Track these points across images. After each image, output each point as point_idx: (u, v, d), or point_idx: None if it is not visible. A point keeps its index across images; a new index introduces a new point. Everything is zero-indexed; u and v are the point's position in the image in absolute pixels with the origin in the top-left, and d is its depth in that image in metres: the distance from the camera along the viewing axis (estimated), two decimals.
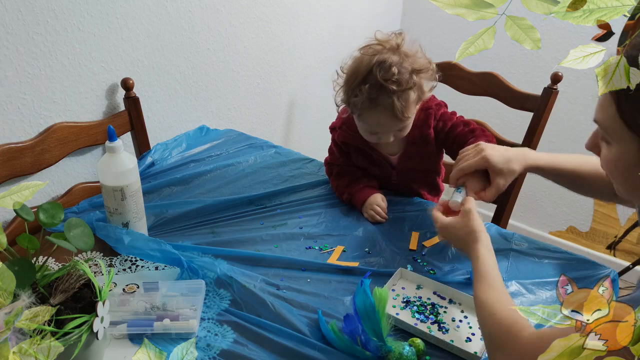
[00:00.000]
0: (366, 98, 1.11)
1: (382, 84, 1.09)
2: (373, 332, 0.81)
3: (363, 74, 1.12)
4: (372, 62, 1.11)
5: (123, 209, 1.06)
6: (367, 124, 1.18)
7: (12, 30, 1.07)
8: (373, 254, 1.11)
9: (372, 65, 1.11)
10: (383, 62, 1.10)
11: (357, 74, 1.13)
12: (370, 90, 1.10)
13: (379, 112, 1.13)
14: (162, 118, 1.50)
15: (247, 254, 1.08)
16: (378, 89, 1.10)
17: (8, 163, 1.11)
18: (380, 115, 1.13)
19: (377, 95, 1.10)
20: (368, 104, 1.12)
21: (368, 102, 1.12)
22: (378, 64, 1.10)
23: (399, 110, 1.11)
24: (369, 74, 1.11)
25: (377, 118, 1.15)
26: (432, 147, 1.26)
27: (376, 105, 1.12)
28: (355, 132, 1.26)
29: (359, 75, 1.12)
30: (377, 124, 1.16)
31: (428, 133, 1.24)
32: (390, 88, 1.09)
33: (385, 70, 1.09)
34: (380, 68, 1.10)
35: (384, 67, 1.10)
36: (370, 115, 1.15)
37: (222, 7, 1.54)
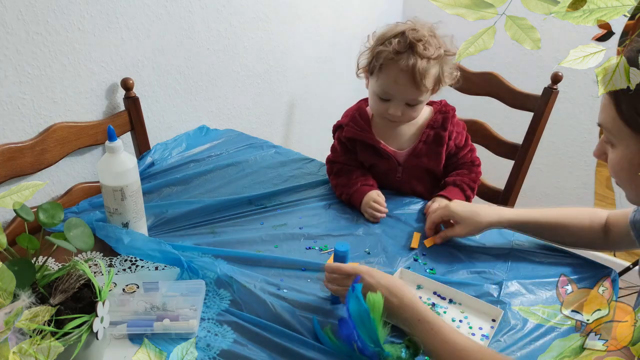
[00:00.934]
0: (393, 50, 1.15)
1: (411, 42, 1.14)
2: (369, 338, 0.81)
3: (396, 32, 1.18)
4: (406, 27, 1.18)
5: (123, 209, 1.06)
6: (384, 80, 1.19)
7: (12, 30, 1.07)
8: (373, 254, 1.11)
9: (406, 29, 1.17)
10: (417, 29, 1.17)
11: (390, 32, 1.19)
12: (398, 44, 1.15)
13: (400, 69, 1.16)
14: (162, 118, 1.50)
15: (247, 254, 1.08)
16: (406, 45, 1.15)
17: (8, 163, 1.11)
18: (400, 73, 1.16)
19: (404, 51, 1.15)
20: (392, 56, 1.16)
21: (393, 54, 1.15)
22: (412, 29, 1.17)
23: (419, 72, 1.14)
24: (402, 33, 1.17)
25: (396, 75, 1.17)
26: (442, 149, 1.28)
27: (399, 59, 1.15)
28: (362, 128, 1.28)
29: (392, 33, 1.18)
30: (393, 82, 1.18)
31: (443, 135, 1.27)
32: (418, 49, 1.14)
33: (418, 35, 1.16)
34: (412, 31, 1.16)
35: (416, 32, 1.16)
36: (390, 70, 1.17)
37: (222, 7, 1.54)
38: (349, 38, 2.12)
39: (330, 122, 1.39)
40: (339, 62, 2.11)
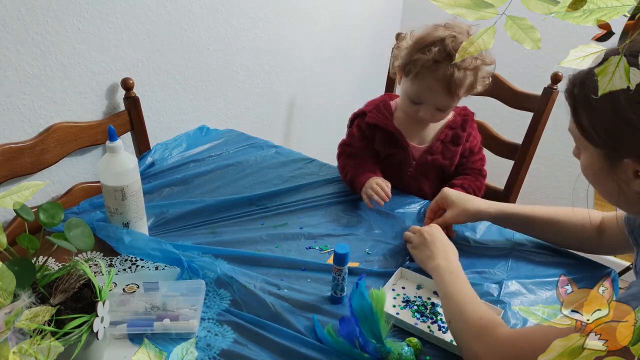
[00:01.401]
0: (431, 58, 1.15)
1: (450, 52, 1.14)
2: (371, 334, 0.81)
3: (435, 39, 1.17)
4: (445, 34, 1.16)
5: (123, 209, 1.06)
6: (419, 86, 1.20)
7: (12, 30, 1.07)
8: (374, 254, 1.11)
9: (445, 36, 1.16)
10: (456, 37, 1.16)
11: (429, 37, 1.18)
12: (438, 53, 1.15)
13: (435, 77, 1.17)
14: (162, 118, 1.50)
15: (247, 254, 1.08)
16: (445, 55, 1.15)
17: (8, 163, 1.11)
18: (435, 81, 1.17)
19: (442, 60, 1.15)
20: (430, 65, 1.16)
21: (431, 63, 1.16)
22: (451, 36, 1.16)
23: (455, 82, 1.16)
24: (441, 41, 1.16)
25: (431, 82, 1.18)
26: (459, 148, 1.30)
27: (436, 69, 1.16)
28: (385, 116, 1.30)
29: (430, 38, 1.17)
30: (428, 89, 1.19)
31: (461, 135, 1.29)
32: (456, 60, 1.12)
33: (457, 43, 1.15)
34: (453, 39, 1.15)
35: (456, 41, 1.15)
36: (426, 77, 1.18)
37: (222, 7, 1.54)
38: (349, 38, 2.12)
39: (330, 122, 1.40)
40: (339, 62, 2.11)
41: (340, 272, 0.94)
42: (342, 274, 0.95)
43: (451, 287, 0.89)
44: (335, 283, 0.96)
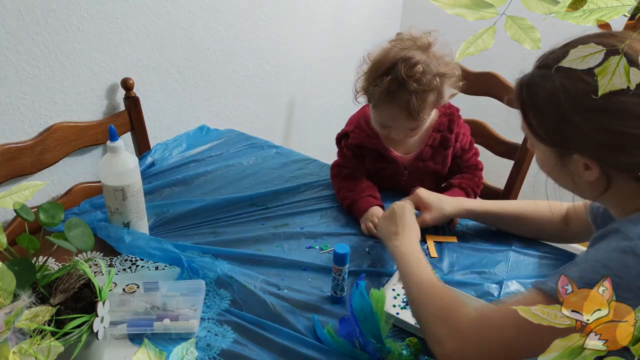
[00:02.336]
0: (385, 90, 1.12)
1: (403, 79, 1.10)
2: (371, 334, 0.81)
3: (387, 66, 1.12)
4: (398, 56, 1.12)
5: (124, 208, 1.06)
6: (380, 116, 1.19)
7: (12, 30, 1.07)
8: (374, 254, 1.11)
9: (398, 59, 1.11)
10: (409, 58, 1.11)
11: (381, 64, 1.14)
12: (390, 83, 1.11)
13: (394, 107, 1.14)
14: (162, 118, 1.50)
15: (247, 253, 1.08)
16: (398, 83, 1.11)
17: (8, 163, 1.11)
18: (395, 110, 1.14)
19: (397, 90, 1.11)
20: (385, 96, 1.13)
21: (386, 94, 1.12)
22: (404, 59, 1.11)
23: (414, 108, 1.12)
24: (393, 66, 1.11)
25: (392, 112, 1.16)
26: (449, 151, 1.28)
27: (393, 100, 1.13)
28: (368, 134, 1.27)
29: (383, 65, 1.13)
30: (390, 118, 1.18)
31: (449, 138, 1.26)
32: (411, 85, 1.10)
33: (409, 67, 1.10)
34: (405, 63, 1.10)
35: (408, 64, 1.10)
36: (385, 108, 1.16)
37: (222, 7, 1.54)
38: (349, 38, 2.12)
39: (330, 122, 1.40)
40: (339, 62, 2.11)
41: (340, 272, 0.94)
42: (342, 274, 0.95)
43: (413, 267, 0.90)
44: (335, 283, 0.96)
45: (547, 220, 1.10)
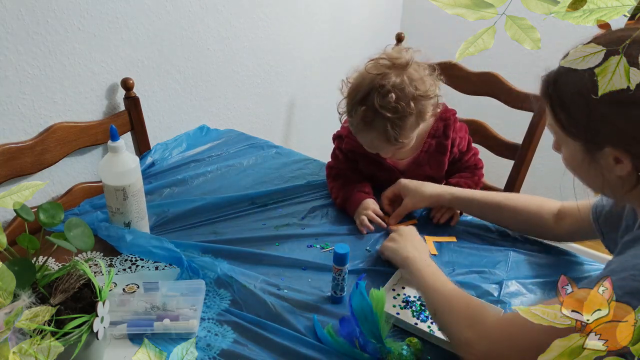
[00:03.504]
0: (360, 120, 1.11)
1: (377, 109, 1.08)
2: (371, 334, 0.81)
3: (362, 95, 1.11)
4: (373, 84, 1.09)
5: (125, 208, 1.06)
6: (362, 143, 1.19)
7: (12, 30, 1.07)
8: (374, 252, 1.11)
9: (372, 88, 1.09)
10: (382, 86, 1.08)
11: (356, 92, 1.12)
12: (365, 113, 1.10)
13: (372, 135, 1.14)
14: (162, 118, 1.50)
15: (248, 252, 1.09)
16: (373, 112, 1.09)
17: (8, 163, 1.11)
18: (374, 138, 1.14)
19: (372, 119, 1.10)
20: (362, 126, 1.12)
21: (362, 124, 1.12)
22: (378, 87, 1.08)
23: (391, 136, 1.11)
24: (367, 95, 1.10)
25: (371, 140, 1.16)
26: (445, 157, 1.26)
27: (370, 129, 1.12)
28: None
29: (358, 94, 1.11)
30: (370, 145, 1.18)
31: (446, 144, 1.25)
32: (385, 114, 1.08)
33: (383, 96, 1.08)
34: (378, 92, 1.08)
35: (382, 92, 1.08)
36: (363, 136, 1.16)
37: (222, 7, 1.54)
38: (349, 38, 2.12)
39: (330, 122, 1.39)
40: (338, 62, 2.11)
41: (340, 272, 0.94)
42: (342, 274, 0.95)
43: (432, 279, 0.91)
44: (335, 283, 0.96)
45: (534, 214, 1.10)
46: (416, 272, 0.95)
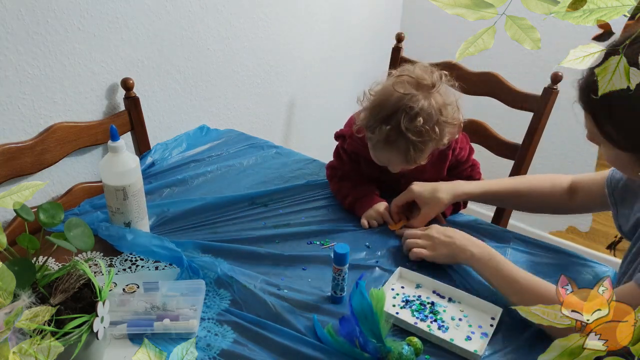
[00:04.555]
0: (383, 139, 1.09)
1: (402, 130, 1.06)
2: (372, 333, 0.81)
3: (387, 112, 1.08)
4: (400, 104, 1.06)
5: (125, 208, 1.06)
6: (377, 157, 1.17)
7: (12, 30, 1.07)
8: (373, 248, 1.12)
9: (399, 108, 1.06)
10: (411, 107, 1.05)
11: (381, 108, 1.09)
12: (389, 132, 1.07)
13: (391, 154, 1.12)
14: (162, 118, 1.50)
15: (248, 250, 1.09)
16: (398, 133, 1.07)
17: (8, 163, 1.11)
18: (393, 156, 1.13)
19: (395, 139, 1.08)
20: (383, 144, 1.10)
21: (383, 143, 1.10)
22: (405, 109, 1.06)
23: (412, 158, 1.10)
24: (393, 114, 1.07)
25: (389, 157, 1.14)
26: (445, 165, 1.26)
27: (390, 148, 1.10)
28: (364, 144, 1.25)
29: (383, 111, 1.08)
30: (386, 161, 1.16)
31: (447, 153, 1.23)
32: (410, 137, 1.06)
33: (410, 119, 1.05)
34: (406, 114, 1.06)
35: (410, 115, 1.05)
36: (382, 154, 1.14)
37: (222, 7, 1.54)
38: (349, 38, 2.12)
39: (330, 122, 1.39)
40: (338, 62, 2.11)
41: (340, 272, 0.94)
42: (342, 274, 0.95)
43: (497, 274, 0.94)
44: (335, 283, 0.96)
45: (548, 192, 1.11)
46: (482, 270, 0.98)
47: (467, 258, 1.00)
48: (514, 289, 0.92)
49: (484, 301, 0.96)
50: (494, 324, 0.92)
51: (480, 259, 0.98)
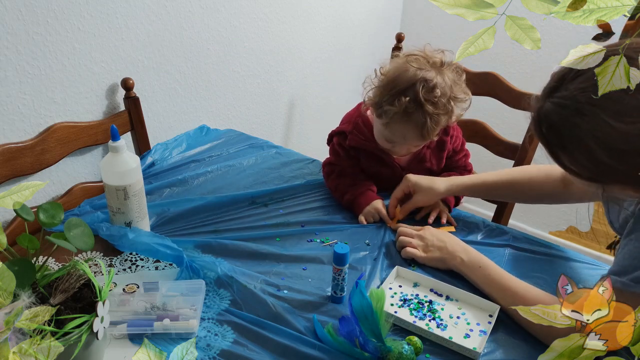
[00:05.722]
0: (402, 110, 1.09)
1: (421, 101, 1.08)
2: (372, 333, 0.81)
3: (405, 85, 1.10)
4: (417, 76, 1.09)
5: (126, 208, 1.06)
6: (391, 133, 1.17)
7: (12, 30, 1.07)
8: (373, 246, 1.12)
9: (417, 80, 1.09)
10: (428, 80, 1.09)
11: (398, 83, 1.11)
12: (408, 104, 1.09)
13: (408, 127, 1.13)
14: (162, 118, 1.50)
15: (248, 249, 1.09)
16: (416, 105, 1.09)
17: (8, 163, 1.11)
18: (409, 130, 1.14)
19: (413, 111, 1.10)
20: (401, 117, 1.11)
21: (401, 115, 1.11)
22: (422, 80, 1.09)
23: (428, 130, 1.11)
24: (411, 87, 1.09)
25: (405, 132, 1.15)
26: (444, 153, 1.29)
27: (408, 120, 1.11)
28: (366, 137, 1.26)
29: (401, 84, 1.10)
30: (401, 137, 1.17)
31: (446, 140, 1.27)
32: (428, 108, 1.09)
33: (429, 90, 1.08)
34: (423, 85, 1.08)
35: (427, 86, 1.09)
36: (398, 128, 1.14)
37: (222, 7, 1.54)
38: (349, 38, 2.12)
39: (330, 122, 1.39)
40: (338, 62, 2.11)
41: (340, 272, 0.94)
42: (342, 274, 0.95)
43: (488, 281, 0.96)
44: (335, 283, 0.96)
45: (543, 181, 1.11)
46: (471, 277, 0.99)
47: (457, 264, 1.02)
48: (505, 296, 0.93)
49: (482, 299, 0.96)
50: (492, 322, 0.92)
51: (470, 266, 0.99)
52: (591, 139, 0.71)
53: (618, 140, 0.68)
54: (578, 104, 0.70)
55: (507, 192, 1.17)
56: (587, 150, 0.72)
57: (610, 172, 0.73)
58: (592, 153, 0.72)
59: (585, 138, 0.71)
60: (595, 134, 0.70)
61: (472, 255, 1.01)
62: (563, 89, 0.74)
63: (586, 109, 0.69)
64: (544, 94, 0.78)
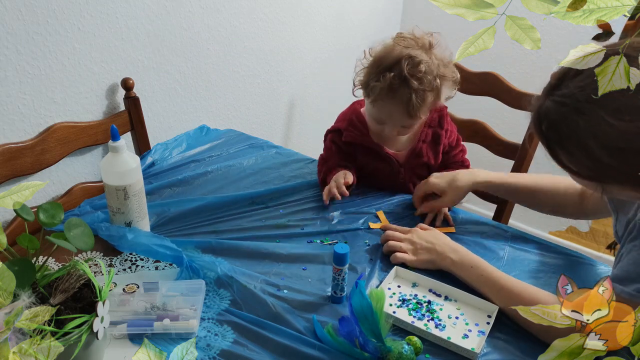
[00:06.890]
0: (387, 86, 1.12)
1: (406, 76, 1.10)
2: (372, 333, 0.81)
3: (390, 62, 1.13)
4: (402, 54, 1.12)
5: (126, 208, 1.06)
6: (378, 111, 1.19)
7: (12, 30, 1.07)
8: (373, 246, 1.12)
9: (402, 57, 1.12)
10: (413, 57, 1.12)
11: (384, 60, 1.14)
12: (393, 79, 1.11)
13: (394, 104, 1.14)
14: (162, 118, 1.50)
15: (248, 249, 1.09)
16: (401, 80, 1.11)
17: (8, 163, 1.11)
18: (394, 107, 1.15)
19: (398, 87, 1.12)
20: (386, 92, 1.13)
21: (387, 90, 1.13)
22: (408, 57, 1.12)
23: (413, 106, 1.13)
24: (397, 63, 1.12)
25: (390, 109, 1.16)
26: (440, 147, 1.29)
27: (394, 96, 1.13)
28: (362, 132, 1.27)
29: (386, 61, 1.13)
30: (388, 115, 1.18)
31: (441, 133, 1.28)
32: (413, 83, 1.11)
33: (413, 65, 1.11)
34: (409, 61, 1.11)
35: (412, 62, 1.11)
36: (384, 104, 1.16)
37: (222, 7, 1.54)
38: (349, 38, 2.12)
39: (330, 122, 1.39)
40: (338, 62, 2.11)
41: (340, 272, 0.94)
42: (342, 274, 0.95)
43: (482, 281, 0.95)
44: (335, 283, 0.96)
45: (563, 194, 1.11)
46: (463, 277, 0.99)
47: (447, 265, 1.01)
48: (501, 296, 0.93)
49: (480, 299, 0.96)
50: (490, 322, 0.92)
51: (461, 266, 0.99)
52: (590, 137, 0.71)
53: (617, 139, 0.68)
54: (578, 102, 0.70)
55: (527, 198, 1.16)
56: (586, 149, 0.72)
57: (609, 171, 0.73)
58: (591, 151, 0.71)
59: (585, 136, 0.71)
60: (594, 132, 0.70)
61: (463, 255, 1.01)
62: (563, 87, 0.74)
63: (586, 108, 0.69)
64: (544, 92, 0.78)
